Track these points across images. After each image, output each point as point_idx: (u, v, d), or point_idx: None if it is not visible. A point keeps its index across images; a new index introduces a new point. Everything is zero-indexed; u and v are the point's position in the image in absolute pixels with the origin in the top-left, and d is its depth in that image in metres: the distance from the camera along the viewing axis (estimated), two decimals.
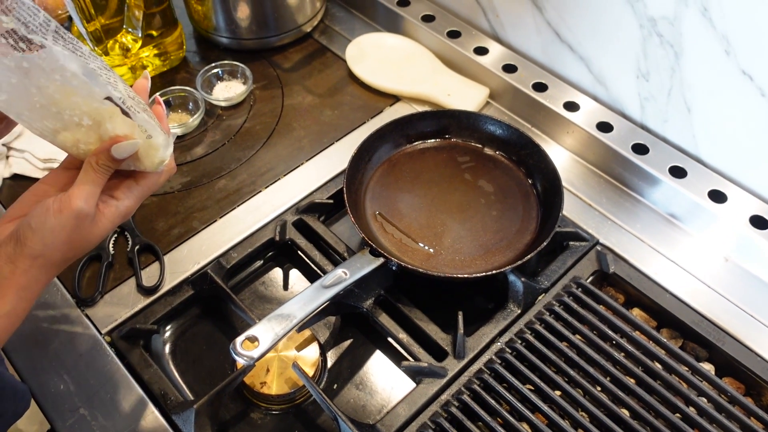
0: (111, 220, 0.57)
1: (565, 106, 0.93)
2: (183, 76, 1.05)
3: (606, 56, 0.90)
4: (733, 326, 0.75)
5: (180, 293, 0.78)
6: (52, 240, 0.53)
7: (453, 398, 0.69)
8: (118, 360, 0.73)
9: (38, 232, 0.53)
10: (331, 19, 1.14)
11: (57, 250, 0.54)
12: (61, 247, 0.54)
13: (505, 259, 0.78)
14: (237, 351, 0.62)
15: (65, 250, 0.55)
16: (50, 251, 0.54)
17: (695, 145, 0.86)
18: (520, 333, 0.74)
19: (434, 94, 0.99)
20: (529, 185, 0.86)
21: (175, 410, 0.68)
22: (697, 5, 0.75)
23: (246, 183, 0.90)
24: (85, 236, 0.55)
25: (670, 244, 0.83)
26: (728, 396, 0.70)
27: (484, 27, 1.04)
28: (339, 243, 0.81)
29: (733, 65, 0.76)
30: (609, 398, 0.69)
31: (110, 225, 0.57)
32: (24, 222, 0.54)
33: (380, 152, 0.87)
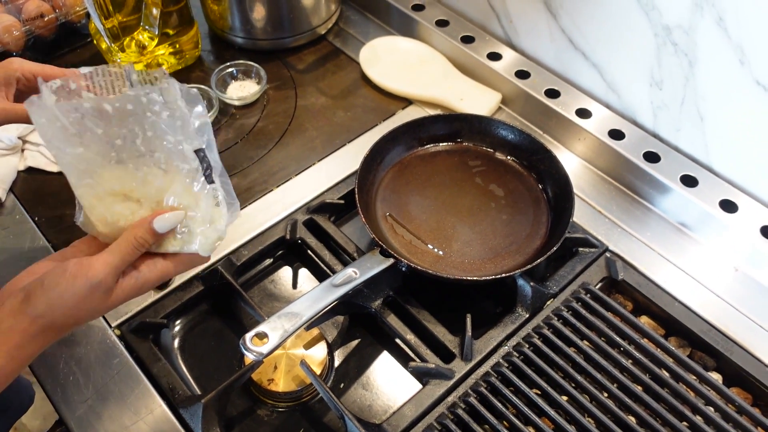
0: (127, 294, 0.54)
1: (578, 113, 0.93)
2: (198, 75, 1.06)
3: (619, 64, 0.90)
4: (741, 336, 0.75)
5: (190, 289, 0.78)
6: (59, 303, 0.50)
7: (459, 400, 0.69)
8: (128, 353, 0.73)
9: (47, 293, 0.50)
10: (346, 21, 1.15)
11: (61, 315, 0.51)
12: (67, 312, 0.51)
13: (514, 263, 0.79)
14: (246, 346, 0.63)
15: (69, 315, 0.52)
16: (54, 314, 0.51)
17: (707, 154, 0.86)
18: (528, 337, 0.74)
19: (447, 98, 0.99)
20: (540, 190, 0.86)
21: (182, 404, 0.68)
22: (713, 15, 0.75)
23: (258, 182, 0.90)
24: (95, 307, 0.52)
25: (680, 252, 0.83)
26: (736, 406, 0.70)
27: (497, 33, 1.05)
28: (349, 243, 0.81)
29: (747, 75, 0.76)
30: (616, 404, 0.69)
31: (124, 297, 0.54)
32: (38, 279, 0.51)
33: (392, 154, 0.88)
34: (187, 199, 0.55)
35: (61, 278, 0.50)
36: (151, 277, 0.55)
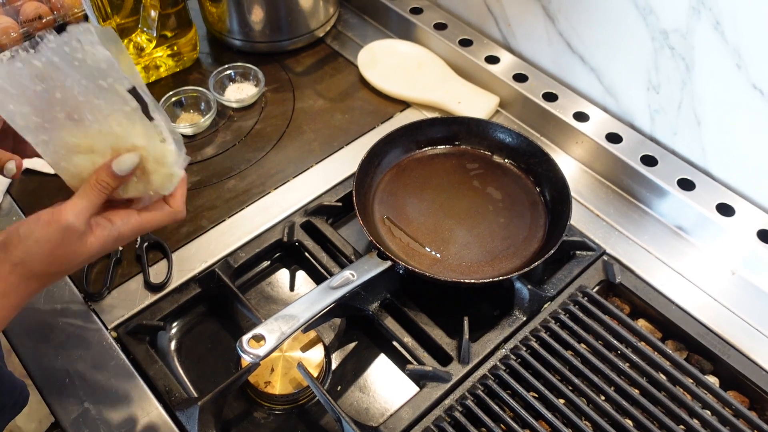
0: (101, 243, 0.55)
1: (575, 117, 0.93)
2: (196, 77, 1.06)
3: (617, 68, 0.90)
4: (738, 339, 0.75)
5: (187, 291, 0.78)
6: (36, 250, 0.52)
7: (457, 403, 0.69)
8: (124, 355, 0.73)
9: (24, 240, 0.52)
10: (344, 24, 1.15)
11: (39, 261, 0.53)
12: (44, 258, 0.53)
13: (511, 266, 0.79)
14: (243, 348, 0.63)
15: (48, 262, 0.53)
16: (31, 261, 0.53)
17: (704, 158, 0.86)
18: (526, 340, 0.74)
19: (445, 101, 0.99)
20: (538, 193, 0.86)
21: (179, 407, 0.68)
22: (710, 19, 0.76)
23: (255, 184, 0.90)
24: (71, 252, 0.54)
25: (677, 256, 0.83)
26: (732, 409, 0.70)
27: (495, 36, 1.05)
28: (346, 246, 0.81)
29: (744, 79, 0.77)
30: (613, 408, 0.69)
31: (99, 246, 0.55)
32: (14, 228, 0.53)
33: (390, 157, 0.88)
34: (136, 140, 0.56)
35: (35, 225, 0.52)
36: (124, 230, 0.56)
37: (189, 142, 0.96)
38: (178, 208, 0.60)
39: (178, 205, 0.60)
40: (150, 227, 0.59)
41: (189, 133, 0.96)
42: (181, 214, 0.61)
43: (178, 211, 0.60)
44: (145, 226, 0.58)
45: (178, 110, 0.99)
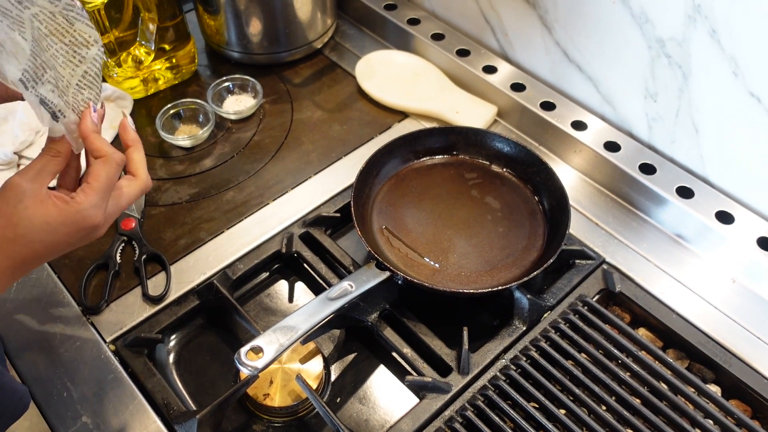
0: (62, 208, 0.54)
1: (573, 125, 0.93)
2: (194, 89, 1.06)
3: (614, 76, 0.90)
4: (740, 348, 0.75)
5: (185, 303, 0.78)
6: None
7: (457, 414, 0.69)
8: (122, 368, 0.73)
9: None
10: (342, 36, 1.16)
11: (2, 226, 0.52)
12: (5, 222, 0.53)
13: (511, 276, 0.78)
14: (241, 361, 0.62)
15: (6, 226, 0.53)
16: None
17: (703, 165, 0.86)
18: (525, 350, 0.74)
19: (442, 111, 0.99)
20: (536, 203, 0.86)
21: (177, 420, 0.68)
22: (706, 27, 0.76)
23: (254, 195, 0.90)
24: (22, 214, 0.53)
25: (677, 264, 0.83)
26: (735, 418, 0.69)
27: (493, 46, 1.05)
28: (345, 256, 0.81)
29: (741, 87, 0.77)
30: (614, 418, 0.69)
31: (56, 213, 0.54)
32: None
33: (388, 167, 0.88)
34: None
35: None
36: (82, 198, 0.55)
37: (188, 155, 0.96)
38: (143, 178, 0.61)
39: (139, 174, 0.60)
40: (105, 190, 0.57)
41: (187, 145, 0.96)
42: (147, 184, 0.61)
43: (144, 181, 0.61)
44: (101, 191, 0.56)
45: (176, 122, 0.99)
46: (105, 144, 0.57)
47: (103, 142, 0.57)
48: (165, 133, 0.95)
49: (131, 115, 1.01)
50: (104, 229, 0.59)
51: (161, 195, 0.90)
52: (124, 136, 0.62)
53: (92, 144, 0.57)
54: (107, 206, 0.57)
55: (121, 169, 0.59)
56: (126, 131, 0.62)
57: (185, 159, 0.95)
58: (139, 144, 0.62)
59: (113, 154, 0.57)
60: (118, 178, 0.58)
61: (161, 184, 0.92)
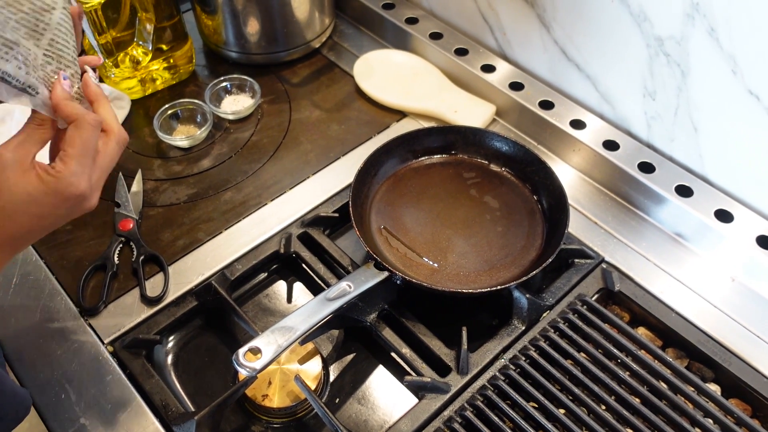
0: (41, 179, 0.53)
1: (572, 124, 0.93)
2: (192, 89, 1.06)
3: (612, 75, 0.90)
4: (739, 347, 0.75)
5: (184, 304, 0.77)
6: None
7: (456, 414, 0.69)
8: (120, 370, 0.72)
9: None
10: (340, 35, 1.15)
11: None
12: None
13: (509, 275, 0.78)
14: (239, 362, 0.62)
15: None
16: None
17: (702, 164, 0.86)
18: (525, 350, 0.74)
19: (441, 110, 0.99)
20: (535, 202, 0.86)
21: (175, 421, 0.67)
22: (704, 25, 0.76)
23: (252, 196, 0.90)
24: (4, 184, 0.52)
25: (676, 263, 0.83)
26: (735, 417, 0.69)
27: (491, 45, 1.05)
28: (343, 257, 0.81)
29: (739, 85, 0.76)
30: (614, 417, 0.68)
31: (37, 183, 0.53)
32: None
33: (386, 167, 0.88)
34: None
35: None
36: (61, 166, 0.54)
37: (185, 155, 0.96)
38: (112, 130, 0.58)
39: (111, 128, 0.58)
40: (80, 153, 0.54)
41: (185, 145, 0.96)
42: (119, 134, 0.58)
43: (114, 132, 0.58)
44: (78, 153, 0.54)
45: (174, 123, 0.98)
46: (75, 108, 0.55)
47: (73, 107, 0.55)
48: (163, 133, 0.95)
49: (129, 115, 1.01)
50: (94, 198, 0.57)
51: (159, 196, 0.90)
52: (86, 92, 0.59)
53: (63, 111, 0.55)
54: (91, 172, 0.55)
55: (97, 130, 0.56)
56: (88, 87, 0.59)
57: (183, 159, 0.95)
58: (104, 98, 0.59)
59: (85, 116, 0.55)
60: (96, 139, 0.56)
61: (159, 185, 0.92)
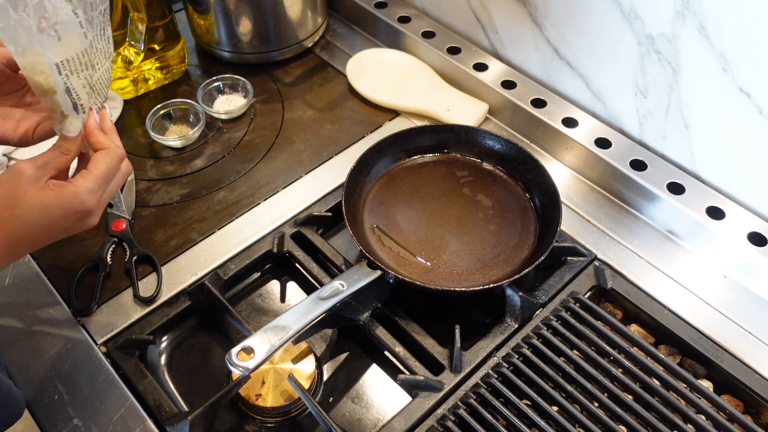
0: (58, 192, 0.57)
1: (564, 123, 0.93)
2: (184, 89, 1.05)
3: (604, 73, 0.90)
4: (731, 343, 0.75)
5: (177, 304, 0.77)
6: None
7: (449, 412, 0.69)
8: (114, 370, 0.72)
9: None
10: (333, 34, 1.15)
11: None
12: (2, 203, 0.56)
13: (502, 273, 0.78)
14: (232, 361, 0.62)
15: (5, 207, 0.56)
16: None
17: (693, 162, 0.86)
18: (518, 347, 0.74)
19: (434, 109, 0.99)
20: (528, 200, 0.86)
21: (169, 421, 0.67)
22: (695, 23, 0.76)
23: (245, 195, 0.90)
24: (22, 196, 0.56)
25: (669, 260, 0.83)
26: (727, 413, 0.69)
27: (483, 44, 1.05)
28: (337, 256, 0.81)
29: (730, 83, 0.77)
30: (607, 414, 0.69)
31: (54, 196, 0.57)
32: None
33: (379, 166, 0.88)
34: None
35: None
36: (81, 182, 0.58)
37: (178, 155, 0.95)
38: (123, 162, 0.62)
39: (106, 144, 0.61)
40: (105, 175, 0.59)
41: (178, 145, 0.96)
42: (117, 149, 0.61)
43: (110, 147, 0.60)
44: (99, 177, 0.59)
45: (167, 123, 0.98)
46: (107, 139, 0.61)
47: (105, 137, 0.61)
48: (155, 133, 0.95)
49: (121, 116, 1.00)
50: (96, 217, 0.61)
51: (152, 196, 0.90)
52: (103, 125, 0.62)
53: (96, 138, 0.60)
54: (102, 194, 0.60)
55: (120, 162, 0.61)
56: (104, 121, 0.63)
57: (176, 159, 0.95)
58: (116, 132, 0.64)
59: (116, 148, 0.61)
60: (116, 172, 0.61)
61: (152, 185, 0.91)
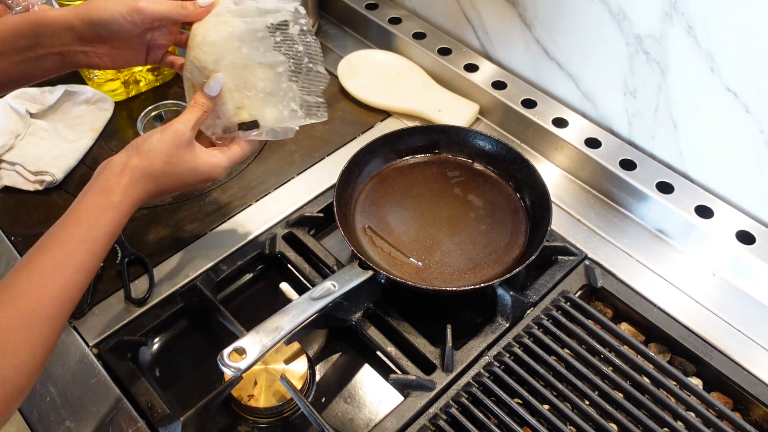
0: (205, 159, 0.67)
1: (554, 123, 0.94)
2: (176, 91, 1.05)
3: (594, 73, 0.91)
4: (720, 341, 0.76)
5: (169, 306, 0.77)
6: (157, 147, 0.63)
7: (441, 411, 0.69)
8: (105, 372, 0.72)
9: (147, 140, 0.63)
10: (324, 35, 1.15)
11: (157, 160, 0.63)
12: (161, 158, 0.63)
13: (493, 273, 0.79)
14: (224, 362, 0.62)
15: (164, 162, 0.64)
16: (152, 158, 0.63)
17: (682, 161, 0.87)
18: (509, 347, 0.74)
19: (425, 110, 0.99)
20: (518, 200, 0.86)
21: (161, 423, 0.67)
22: (682, 24, 0.77)
23: (237, 196, 0.90)
24: (181, 154, 0.65)
25: (658, 259, 0.84)
26: (716, 410, 0.70)
27: (474, 44, 1.06)
28: (329, 256, 0.81)
29: (718, 82, 0.77)
30: (597, 412, 0.69)
31: (202, 161, 0.66)
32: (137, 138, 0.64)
33: (370, 166, 0.88)
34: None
35: (154, 133, 0.64)
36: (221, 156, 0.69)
37: None
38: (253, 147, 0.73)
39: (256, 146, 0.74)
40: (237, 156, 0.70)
41: None
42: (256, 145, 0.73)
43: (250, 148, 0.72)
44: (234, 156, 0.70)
45: (158, 124, 0.98)
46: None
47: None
48: None
49: (112, 118, 1.00)
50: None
51: None
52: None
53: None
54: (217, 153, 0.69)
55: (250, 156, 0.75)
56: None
57: None
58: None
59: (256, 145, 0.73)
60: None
61: None
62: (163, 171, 0.64)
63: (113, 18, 0.65)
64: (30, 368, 0.53)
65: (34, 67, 0.67)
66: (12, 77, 0.67)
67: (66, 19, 0.64)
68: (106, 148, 0.97)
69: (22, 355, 0.52)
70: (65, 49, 0.66)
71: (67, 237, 0.58)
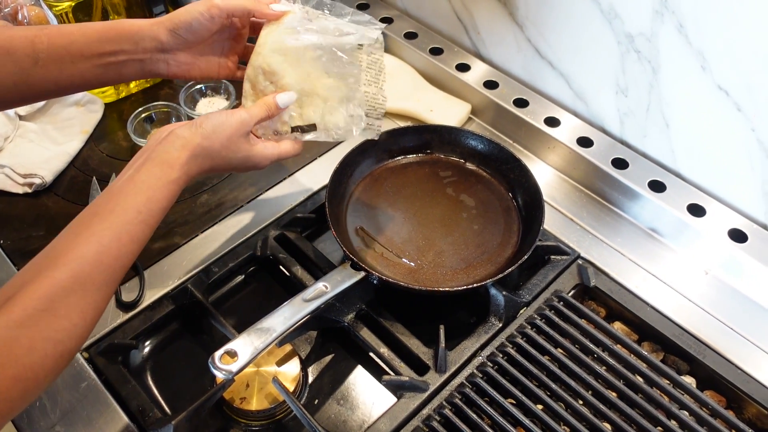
0: (258, 150, 0.70)
1: (546, 122, 0.94)
2: (167, 92, 1.05)
3: (585, 72, 0.91)
4: (713, 339, 0.76)
5: (160, 308, 0.77)
6: (220, 130, 0.65)
7: (434, 412, 0.69)
8: (96, 376, 0.72)
9: (211, 119, 0.65)
10: None
11: (218, 142, 0.65)
12: (222, 141, 0.65)
13: (486, 273, 0.78)
14: (215, 365, 0.62)
15: (223, 145, 0.65)
16: (214, 140, 0.65)
17: (674, 159, 0.87)
18: (502, 347, 0.74)
19: (417, 110, 0.99)
20: (511, 199, 0.86)
21: (152, 427, 0.67)
22: (673, 22, 0.77)
23: (228, 198, 0.90)
24: (238, 142, 0.67)
25: (651, 257, 0.84)
26: (710, 409, 0.70)
27: (465, 44, 1.05)
28: (321, 258, 0.81)
29: (709, 81, 0.77)
30: (591, 412, 0.69)
31: (255, 152, 0.69)
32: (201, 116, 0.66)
33: (362, 167, 0.88)
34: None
35: (219, 114, 0.67)
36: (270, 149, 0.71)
37: None
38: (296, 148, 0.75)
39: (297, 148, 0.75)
40: (280, 155, 0.72)
41: None
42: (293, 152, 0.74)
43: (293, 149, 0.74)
44: (280, 153, 0.72)
45: (148, 126, 0.98)
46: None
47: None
48: (137, 137, 0.94)
49: (102, 119, 1.00)
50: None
51: None
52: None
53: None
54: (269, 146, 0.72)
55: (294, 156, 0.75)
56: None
57: None
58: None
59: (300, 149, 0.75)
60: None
61: None
62: (219, 154, 0.66)
63: (193, 17, 0.68)
64: (80, 331, 0.53)
65: (113, 72, 0.69)
66: (87, 80, 0.69)
67: (151, 27, 0.68)
68: (96, 150, 0.96)
69: (73, 319, 0.52)
70: (147, 56, 0.69)
71: (125, 206, 0.58)
